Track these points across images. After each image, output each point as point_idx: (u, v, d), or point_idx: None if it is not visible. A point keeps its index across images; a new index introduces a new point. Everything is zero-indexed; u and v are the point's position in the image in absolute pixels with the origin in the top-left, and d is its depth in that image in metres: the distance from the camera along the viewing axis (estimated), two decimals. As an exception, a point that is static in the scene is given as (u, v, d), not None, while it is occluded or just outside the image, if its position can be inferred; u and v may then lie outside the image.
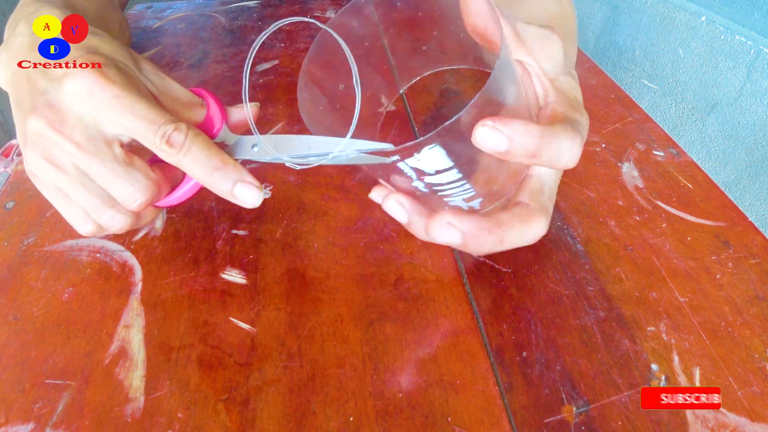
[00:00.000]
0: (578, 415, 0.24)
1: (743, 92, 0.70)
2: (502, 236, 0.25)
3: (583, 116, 0.26)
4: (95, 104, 0.25)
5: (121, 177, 0.26)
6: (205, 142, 0.26)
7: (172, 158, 0.26)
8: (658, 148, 0.42)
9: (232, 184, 0.26)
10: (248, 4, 0.71)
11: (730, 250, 0.33)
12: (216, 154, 0.26)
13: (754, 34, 0.68)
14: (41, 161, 0.26)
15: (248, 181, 0.27)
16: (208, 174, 0.26)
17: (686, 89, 0.79)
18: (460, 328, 0.28)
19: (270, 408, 0.25)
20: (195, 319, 0.29)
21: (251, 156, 0.28)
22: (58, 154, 0.26)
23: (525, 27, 0.27)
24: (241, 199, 0.27)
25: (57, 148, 0.26)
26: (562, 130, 0.23)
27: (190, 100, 0.29)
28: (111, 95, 0.25)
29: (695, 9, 0.76)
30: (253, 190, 0.27)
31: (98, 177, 0.26)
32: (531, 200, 0.26)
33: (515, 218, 0.25)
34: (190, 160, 0.26)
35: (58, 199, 0.28)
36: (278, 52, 0.57)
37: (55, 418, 0.24)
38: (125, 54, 0.28)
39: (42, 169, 0.26)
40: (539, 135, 0.22)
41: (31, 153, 0.27)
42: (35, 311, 0.30)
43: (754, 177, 0.70)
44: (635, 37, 0.89)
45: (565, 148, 0.23)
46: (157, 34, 0.63)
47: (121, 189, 0.26)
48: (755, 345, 0.27)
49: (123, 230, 0.29)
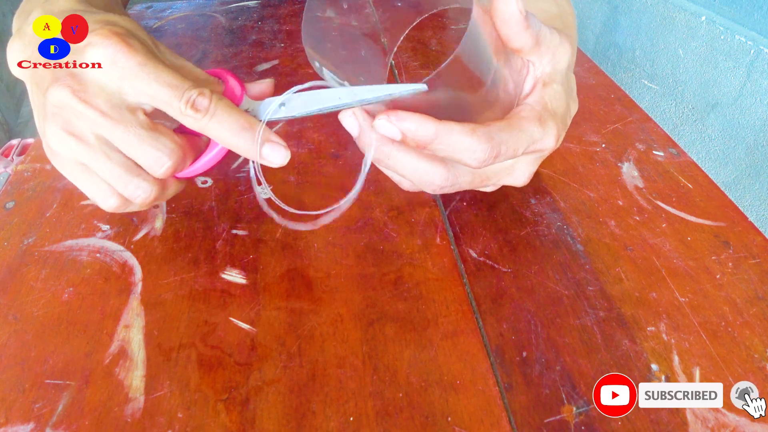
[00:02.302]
0: (578, 415, 0.24)
1: (743, 92, 0.70)
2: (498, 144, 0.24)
3: (543, 129, 0.26)
4: (119, 73, 0.25)
5: (146, 142, 0.26)
6: (230, 106, 0.26)
7: (198, 123, 0.26)
8: (658, 148, 0.42)
9: (260, 144, 0.27)
10: (248, 4, 0.71)
11: (730, 250, 0.33)
12: (242, 116, 0.26)
13: (754, 34, 0.68)
14: (62, 134, 0.26)
15: (275, 140, 0.27)
16: (235, 135, 0.26)
17: (686, 89, 0.79)
18: (460, 328, 0.28)
19: (270, 408, 0.25)
20: (195, 319, 0.29)
21: (281, 115, 0.28)
22: (80, 125, 0.26)
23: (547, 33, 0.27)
24: (269, 159, 0.27)
25: (79, 118, 0.26)
26: (471, 134, 0.24)
27: (206, 78, 0.29)
28: (134, 63, 0.25)
29: (695, 9, 0.76)
30: (280, 149, 0.27)
31: (123, 144, 0.26)
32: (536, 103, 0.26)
33: (516, 119, 0.25)
34: (216, 123, 0.26)
35: (79, 175, 0.27)
36: (278, 52, 0.57)
37: (55, 418, 0.24)
38: (143, 31, 0.28)
39: (63, 142, 0.26)
40: (434, 132, 0.23)
41: (51, 127, 0.26)
42: (35, 311, 0.30)
43: (754, 177, 0.70)
44: (635, 37, 0.89)
45: (467, 149, 0.24)
46: (157, 34, 0.63)
47: (147, 154, 0.26)
48: (755, 345, 0.27)
49: (147, 202, 0.28)
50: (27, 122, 1.80)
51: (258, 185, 0.28)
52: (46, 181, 0.39)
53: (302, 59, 0.55)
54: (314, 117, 0.47)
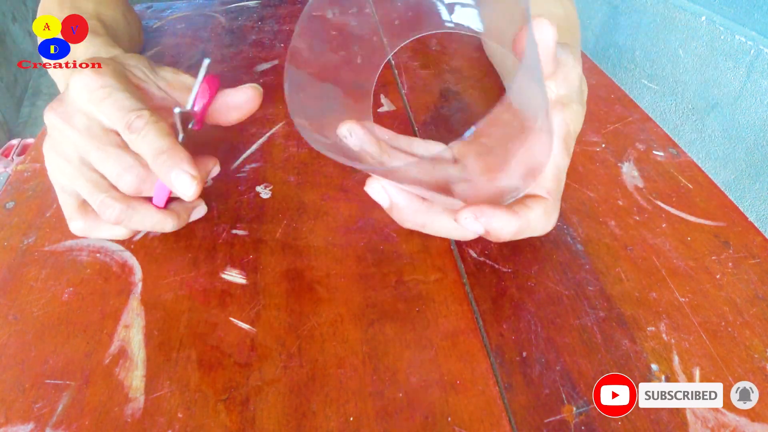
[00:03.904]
0: (578, 415, 0.24)
1: (743, 92, 0.70)
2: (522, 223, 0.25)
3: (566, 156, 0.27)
4: (89, 97, 0.28)
5: (113, 157, 0.28)
6: (161, 129, 0.28)
7: (133, 144, 0.28)
8: (658, 148, 0.42)
9: (170, 169, 0.27)
10: (248, 4, 0.71)
11: (730, 250, 0.33)
12: (165, 140, 0.28)
13: (754, 34, 0.68)
14: (52, 153, 0.30)
15: (185, 169, 0.27)
16: (154, 157, 0.27)
17: (686, 89, 0.79)
18: (460, 328, 0.28)
19: (270, 408, 0.25)
20: (195, 319, 0.29)
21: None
22: (65, 144, 0.29)
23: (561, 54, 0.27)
24: (175, 186, 0.27)
25: (63, 137, 0.29)
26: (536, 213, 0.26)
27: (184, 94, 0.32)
28: (101, 89, 0.28)
29: (695, 9, 0.76)
30: (185, 179, 0.27)
31: (94, 159, 0.29)
32: (547, 194, 0.27)
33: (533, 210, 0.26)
34: (144, 144, 0.28)
35: (60, 192, 0.31)
36: (278, 52, 0.57)
37: (55, 418, 0.24)
38: (140, 60, 0.32)
39: (52, 160, 0.30)
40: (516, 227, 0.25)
41: (46, 146, 0.30)
42: (35, 311, 0.30)
43: (754, 177, 0.70)
44: (635, 37, 0.89)
45: (540, 226, 0.26)
46: (157, 34, 0.63)
47: (111, 167, 0.28)
48: (755, 345, 0.27)
49: (114, 219, 0.29)
50: (27, 122, 1.80)
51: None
52: (46, 181, 0.39)
53: (302, 59, 0.55)
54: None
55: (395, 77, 0.52)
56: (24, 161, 0.42)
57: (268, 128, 0.45)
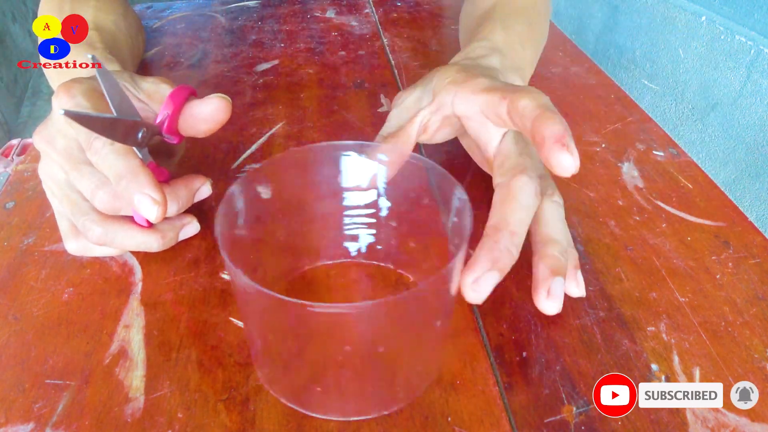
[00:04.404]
0: (578, 415, 0.24)
1: (743, 92, 0.70)
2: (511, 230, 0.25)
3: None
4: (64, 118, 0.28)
5: (86, 176, 0.29)
6: (120, 151, 0.27)
7: (97, 165, 0.28)
8: (658, 148, 0.42)
9: (132, 193, 0.27)
10: (248, 4, 0.71)
11: (730, 250, 0.33)
12: (125, 161, 0.27)
13: (754, 34, 0.68)
14: (45, 176, 0.31)
15: (146, 193, 0.27)
16: (115, 181, 0.27)
17: (686, 89, 0.79)
18: (460, 328, 0.28)
19: (270, 408, 0.25)
20: (195, 319, 0.29)
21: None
22: (51, 164, 0.30)
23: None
24: (139, 210, 0.27)
25: (50, 159, 0.30)
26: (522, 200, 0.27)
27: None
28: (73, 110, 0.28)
29: (695, 9, 0.76)
30: (147, 202, 0.27)
31: (72, 179, 0.29)
32: (503, 176, 0.28)
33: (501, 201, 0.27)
34: (104, 165, 0.27)
35: (56, 212, 0.32)
36: (278, 52, 0.57)
37: (55, 418, 0.24)
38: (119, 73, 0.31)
39: (45, 182, 0.31)
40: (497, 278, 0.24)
41: (39, 169, 0.31)
42: (35, 311, 0.30)
43: (754, 177, 0.70)
44: (635, 37, 0.89)
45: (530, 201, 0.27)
46: (157, 34, 0.63)
47: (86, 185, 0.29)
48: (755, 345, 0.27)
49: (95, 241, 0.30)
50: (27, 122, 1.80)
51: None
52: (46, 181, 0.39)
53: (302, 59, 0.55)
54: (314, 117, 0.47)
55: (395, 77, 0.52)
56: (24, 161, 0.42)
57: (268, 128, 0.45)
